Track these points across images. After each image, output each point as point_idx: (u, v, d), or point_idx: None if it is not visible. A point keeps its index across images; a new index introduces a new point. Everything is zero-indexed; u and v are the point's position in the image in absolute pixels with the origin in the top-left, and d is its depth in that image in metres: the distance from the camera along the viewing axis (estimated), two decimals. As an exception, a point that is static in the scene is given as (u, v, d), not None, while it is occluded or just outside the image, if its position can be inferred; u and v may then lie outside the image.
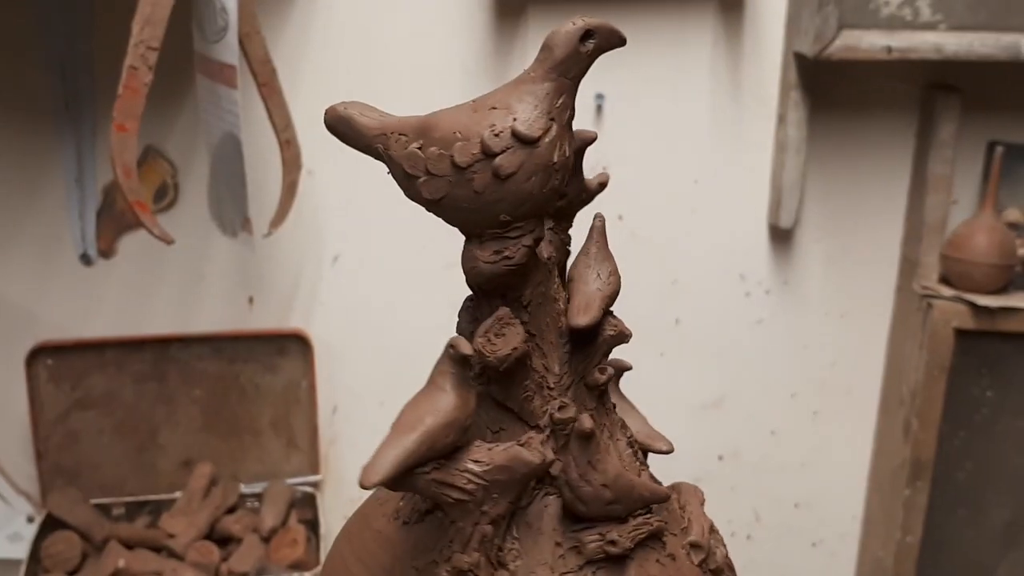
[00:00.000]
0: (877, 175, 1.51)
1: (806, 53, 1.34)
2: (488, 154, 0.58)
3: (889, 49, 1.31)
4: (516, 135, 0.58)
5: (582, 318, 0.64)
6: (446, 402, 0.60)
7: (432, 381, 0.61)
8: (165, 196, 1.44)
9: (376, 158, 0.62)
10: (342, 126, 0.62)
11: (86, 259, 1.45)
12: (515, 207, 0.60)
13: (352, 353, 1.52)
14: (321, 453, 1.53)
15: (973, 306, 1.41)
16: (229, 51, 1.20)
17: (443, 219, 0.62)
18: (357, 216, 1.46)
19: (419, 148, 0.59)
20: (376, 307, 1.51)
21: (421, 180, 0.60)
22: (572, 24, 0.60)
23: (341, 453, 1.57)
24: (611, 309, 0.67)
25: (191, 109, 1.39)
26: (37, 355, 1.44)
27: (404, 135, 0.60)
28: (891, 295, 1.55)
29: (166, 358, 1.48)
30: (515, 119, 0.59)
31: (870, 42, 1.31)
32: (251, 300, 1.50)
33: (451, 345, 0.61)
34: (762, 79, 1.45)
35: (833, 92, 1.45)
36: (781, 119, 1.44)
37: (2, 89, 1.38)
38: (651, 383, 1.58)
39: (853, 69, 1.43)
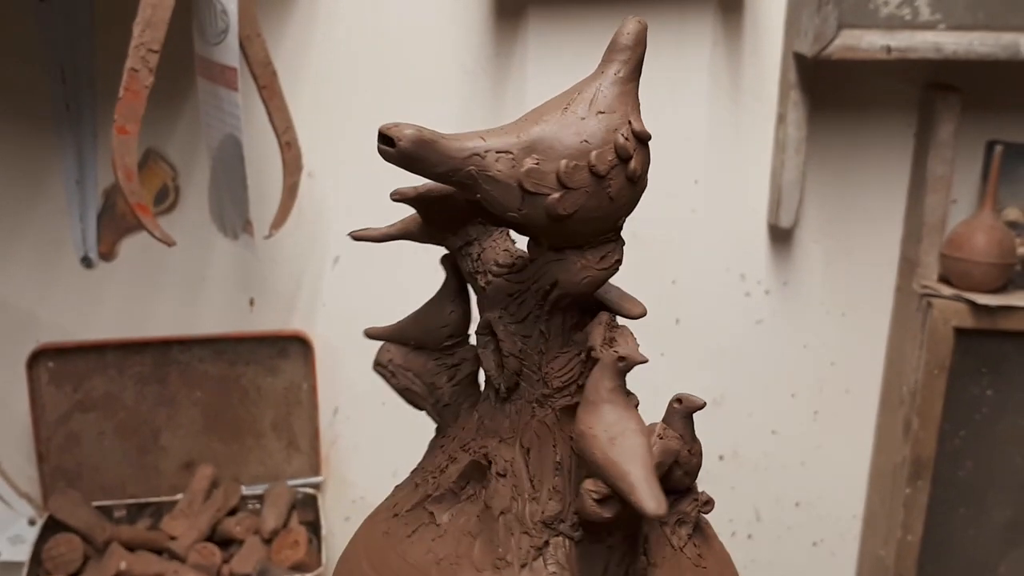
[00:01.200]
0: (877, 175, 1.51)
1: (805, 53, 1.34)
2: (623, 158, 0.56)
3: (888, 49, 1.32)
4: (637, 136, 0.57)
5: (637, 308, 0.64)
6: (637, 417, 0.58)
7: (606, 400, 0.58)
8: (166, 198, 1.44)
9: (456, 182, 0.56)
10: (424, 150, 0.54)
11: (87, 262, 1.45)
12: (631, 208, 0.59)
13: (353, 354, 1.52)
14: (322, 455, 1.54)
15: (973, 305, 1.41)
16: (230, 53, 1.20)
17: (554, 234, 0.58)
18: (358, 218, 1.45)
19: (537, 163, 0.55)
20: (377, 308, 1.50)
21: (553, 197, 0.56)
22: (638, 22, 0.58)
23: (342, 455, 1.57)
24: None
25: (192, 112, 1.39)
26: (38, 357, 1.44)
27: (506, 152, 0.55)
28: (891, 294, 1.56)
29: (167, 360, 1.48)
30: (631, 120, 0.57)
31: (869, 42, 1.31)
32: (252, 302, 1.50)
33: (622, 357, 0.58)
34: (761, 79, 1.45)
35: (832, 92, 1.45)
36: (781, 119, 1.44)
37: (2, 92, 1.38)
38: (651, 383, 1.58)
39: (852, 69, 1.43)
